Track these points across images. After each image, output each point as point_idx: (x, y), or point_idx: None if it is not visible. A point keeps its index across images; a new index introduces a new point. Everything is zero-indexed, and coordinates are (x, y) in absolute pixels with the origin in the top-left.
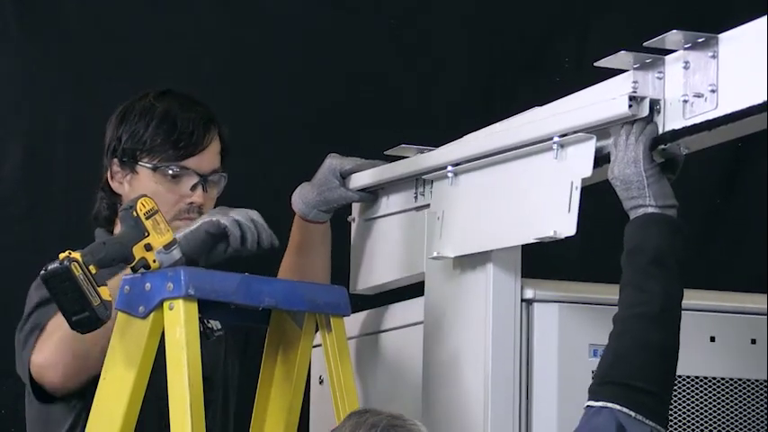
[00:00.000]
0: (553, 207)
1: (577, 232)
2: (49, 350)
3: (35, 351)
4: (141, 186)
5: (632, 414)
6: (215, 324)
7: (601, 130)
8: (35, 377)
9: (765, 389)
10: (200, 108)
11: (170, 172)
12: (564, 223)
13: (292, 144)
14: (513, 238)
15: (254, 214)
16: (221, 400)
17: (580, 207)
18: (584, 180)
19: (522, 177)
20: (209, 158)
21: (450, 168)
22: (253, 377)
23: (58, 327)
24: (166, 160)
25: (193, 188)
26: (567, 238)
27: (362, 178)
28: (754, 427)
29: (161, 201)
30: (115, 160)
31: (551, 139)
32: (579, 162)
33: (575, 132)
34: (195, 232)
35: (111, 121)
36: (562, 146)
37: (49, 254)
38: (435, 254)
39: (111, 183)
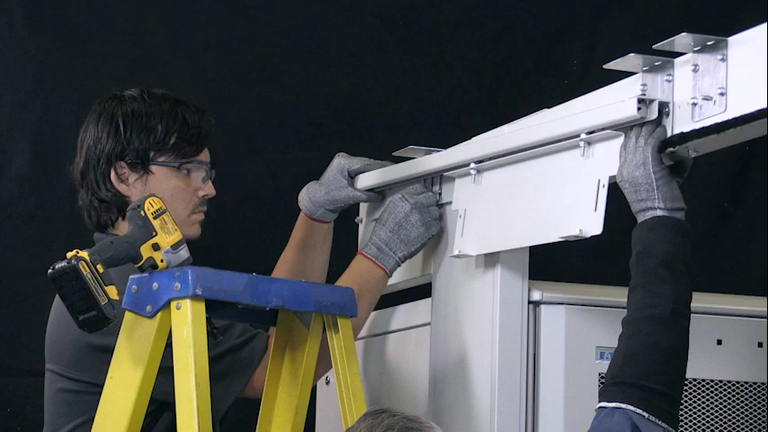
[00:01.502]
0: (579, 205)
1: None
2: None
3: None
4: (158, 185)
5: (645, 415)
6: None
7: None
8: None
9: None
10: (191, 102)
11: (188, 168)
12: (590, 222)
13: (299, 144)
14: (538, 236)
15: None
16: None
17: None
18: (610, 178)
19: (547, 175)
20: (206, 149)
21: (472, 166)
22: None
23: None
24: (184, 157)
25: (204, 180)
26: (592, 237)
27: (371, 178)
28: (760, 430)
29: (181, 197)
30: (122, 163)
31: (577, 136)
32: (606, 160)
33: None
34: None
35: (105, 126)
36: (589, 143)
37: (55, 253)
38: (457, 252)
39: (116, 185)
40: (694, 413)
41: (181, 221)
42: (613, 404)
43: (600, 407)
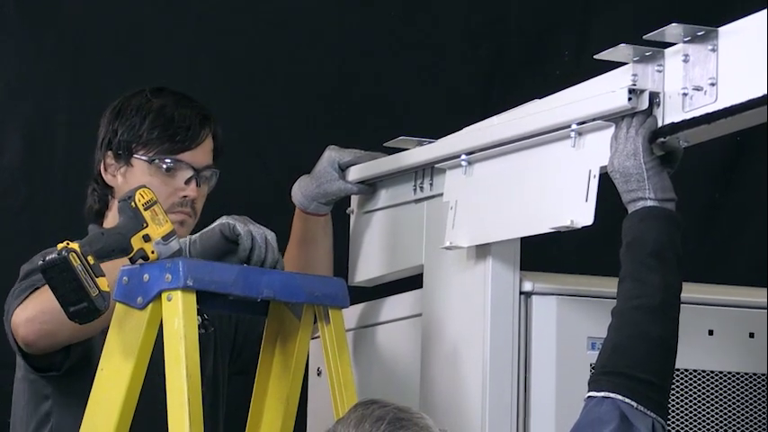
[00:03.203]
0: (570, 196)
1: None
2: (33, 306)
3: (21, 306)
4: (135, 179)
5: (634, 404)
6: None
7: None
8: (14, 330)
9: (763, 382)
10: (196, 104)
11: (165, 165)
12: (581, 212)
13: (291, 137)
14: (529, 227)
15: (270, 235)
16: (209, 398)
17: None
18: (601, 168)
19: (539, 166)
20: (203, 153)
21: (464, 157)
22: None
23: (47, 289)
24: (162, 153)
25: (187, 182)
26: (583, 228)
27: (362, 170)
28: (752, 420)
29: (156, 193)
30: (110, 153)
31: (568, 127)
32: (597, 150)
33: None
34: (210, 233)
35: (106, 116)
36: (580, 134)
37: (47, 245)
38: (448, 243)
39: (104, 175)
40: (685, 403)
41: None
42: (602, 393)
43: (589, 396)
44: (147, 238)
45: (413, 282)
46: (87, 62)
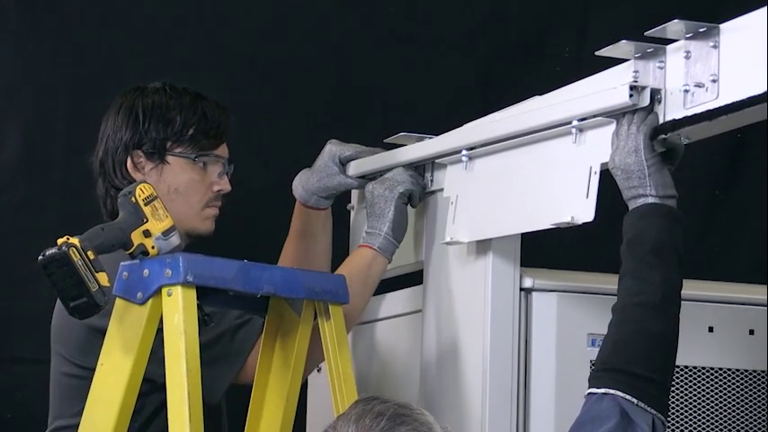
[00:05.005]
0: (571, 192)
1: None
2: None
3: None
4: (174, 176)
5: (634, 401)
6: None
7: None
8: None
9: (763, 379)
10: (210, 98)
11: (203, 161)
12: (582, 209)
13: (292, 131)
14: (530, 223)
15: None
16: None
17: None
18: (602, 165)
19: (539, 162)
20: (225, 146)
21: (464, 153)
22: None
23: None
24: (201, 149)
25: (220, 175)
26: (584, 224)
27: (362, 165)
28: (752, 417)
29: (196, 189)
30: (139, 152)
31: (569, 123)
32: (598, 147)
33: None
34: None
35: (119, 116)
36: (581, 130)
37: (47, 240)
38: (449, 239)
39: (133, 174)
40: (686, 400)
41: (194, 215)
42: (602, 390)
43: (589, 393)
44: (147, 234)
45: (413, 278)
46: (87, 62)
